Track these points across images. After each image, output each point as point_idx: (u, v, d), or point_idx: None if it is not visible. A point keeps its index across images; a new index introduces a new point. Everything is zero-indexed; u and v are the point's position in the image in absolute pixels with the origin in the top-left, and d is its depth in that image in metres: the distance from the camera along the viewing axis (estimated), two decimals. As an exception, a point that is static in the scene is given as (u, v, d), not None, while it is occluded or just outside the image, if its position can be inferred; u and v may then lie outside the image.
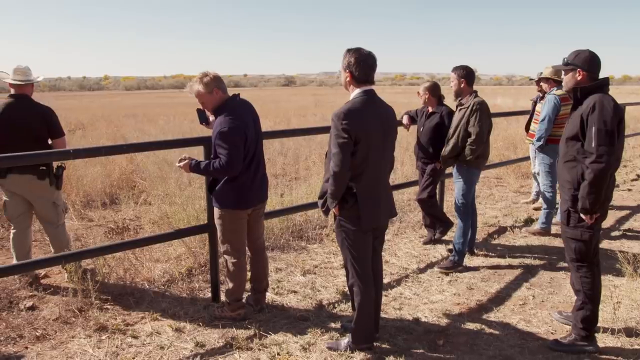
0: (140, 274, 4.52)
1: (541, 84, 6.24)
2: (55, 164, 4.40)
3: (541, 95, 6.32)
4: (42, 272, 4.52)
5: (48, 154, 3.98)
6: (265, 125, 3.74)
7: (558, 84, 5.90)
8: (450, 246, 5.39)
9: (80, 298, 4.02)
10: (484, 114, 4.64)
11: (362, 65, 3.07)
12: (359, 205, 3.10)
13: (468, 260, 5.02)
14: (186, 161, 3.56)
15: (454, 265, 4.82)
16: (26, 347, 3.44)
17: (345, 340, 3.40)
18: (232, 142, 3.40)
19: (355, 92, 3.13)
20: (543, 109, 5.86)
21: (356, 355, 3.33)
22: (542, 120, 5.81)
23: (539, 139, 5.85)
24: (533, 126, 6.22)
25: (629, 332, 3.62)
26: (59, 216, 4.51)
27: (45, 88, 69.65)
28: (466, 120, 4.65)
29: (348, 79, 3.13)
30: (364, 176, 3.09)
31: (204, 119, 3.85)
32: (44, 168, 4.28)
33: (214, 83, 3.51)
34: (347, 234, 3.20)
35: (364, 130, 3.02)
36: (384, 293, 4.30)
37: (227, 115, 3.46)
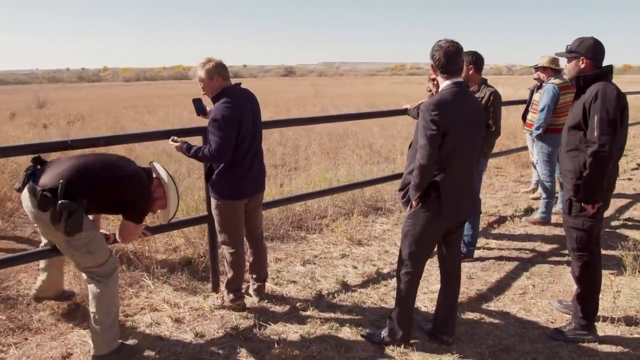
0: (140, 265, 4.51)
1: (538, 73, 6.18)
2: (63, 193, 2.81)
3: (538, 84, 6.27)
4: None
5: (40, 146, 3.40)
6: (265, 116, 3.77)
7: (555, 72, 5.87)
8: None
9: (80, 289, 4.02)
10: (499, 105, 4.55)
11: (443, 55, 3.01)
12: (441, 200, 3.04)
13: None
14: (178, 144, 3.59)
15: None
16: (26, 339, 3.43)
17: (382, 332, 3.38)
18: (224, 130, 3.38)
19: (444, 84, 3.07)
20: (542, 99, 5.82)
21: (356, 346, 3.33)
22: (542, 109, 5.78)
23: (537, 128, 5.83)
24: (531, 116, 6.17)
25: (629, 321, 3.62)
26: (84, 260, 3.02)
27: (44, 80, 69.39)
28: None
29: (432, 69, 3.15)
30: (449, 170, 3.02)
31: (200, 110, 3.82)
32: (48, 194, 2.79)
33: (215, 70, 3.51)
34: (419, 227, 3.14)
35: (453, 122, 2.95)
36: (383, 283, 4.33)
37: (223, 103, 3.44)
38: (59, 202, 2.76)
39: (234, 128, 3.41)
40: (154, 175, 3.29)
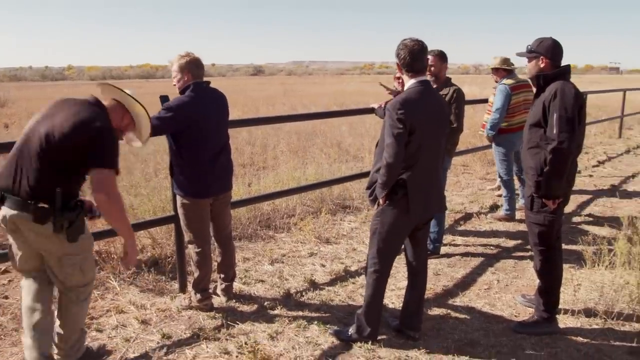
0: (106, 266, 4.43)
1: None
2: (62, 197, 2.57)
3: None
4: (1, 267, 4.38)
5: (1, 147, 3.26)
6: (234, 115, 3.74)
7: (508, 73, 5.99)
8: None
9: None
10: (462, 102, 4.64)
11: (408, 54, 3.04)
12: (408, 198, 3.06)
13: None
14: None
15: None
16: (-15, 344, 3.34)
17: (350, 329, 3.39)
18: (167, 115, 3.38)
19: (410, 83, 3.10)
20: (496, 99, 5.93)
21: (323, 343, 3.35)
22: (497, 109, 5.88)
23: (491, 128, 5.92)
24: (485, 116, 6.28)
25: (588, 313, 3.73)
26: (74, 277, 2.77)
27: (5, 78, 67.31)
28: None
29: (397, 68, 3.17)
30: (415, 168, 3.05)
31: None
32: (45, 206, 2.55)
33: (187, 66, 3.51)
34: (387, 225, 3.15)
35: (419, 120, 2.98)
36: (351, 280, 4.35)
37: (185, 96, 3.46)
38: (59, 214, 2.54)
39: (178, 119, 3.40)
40: (107, 102, 2.85)
